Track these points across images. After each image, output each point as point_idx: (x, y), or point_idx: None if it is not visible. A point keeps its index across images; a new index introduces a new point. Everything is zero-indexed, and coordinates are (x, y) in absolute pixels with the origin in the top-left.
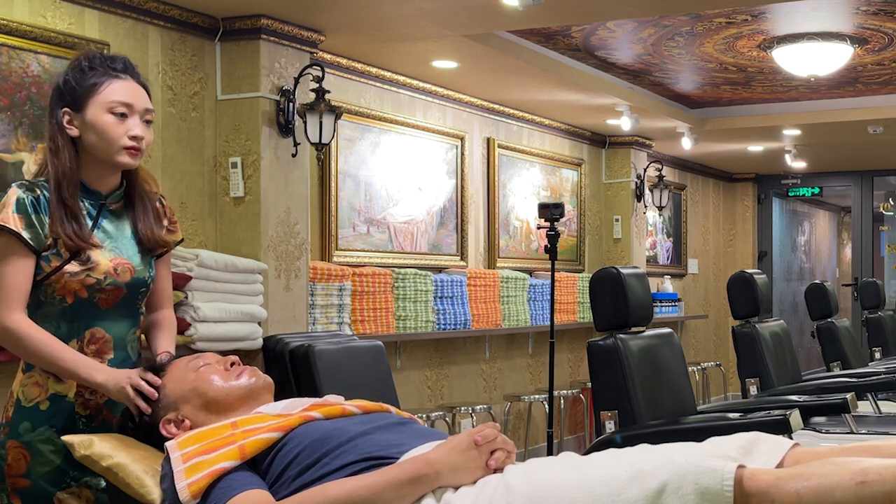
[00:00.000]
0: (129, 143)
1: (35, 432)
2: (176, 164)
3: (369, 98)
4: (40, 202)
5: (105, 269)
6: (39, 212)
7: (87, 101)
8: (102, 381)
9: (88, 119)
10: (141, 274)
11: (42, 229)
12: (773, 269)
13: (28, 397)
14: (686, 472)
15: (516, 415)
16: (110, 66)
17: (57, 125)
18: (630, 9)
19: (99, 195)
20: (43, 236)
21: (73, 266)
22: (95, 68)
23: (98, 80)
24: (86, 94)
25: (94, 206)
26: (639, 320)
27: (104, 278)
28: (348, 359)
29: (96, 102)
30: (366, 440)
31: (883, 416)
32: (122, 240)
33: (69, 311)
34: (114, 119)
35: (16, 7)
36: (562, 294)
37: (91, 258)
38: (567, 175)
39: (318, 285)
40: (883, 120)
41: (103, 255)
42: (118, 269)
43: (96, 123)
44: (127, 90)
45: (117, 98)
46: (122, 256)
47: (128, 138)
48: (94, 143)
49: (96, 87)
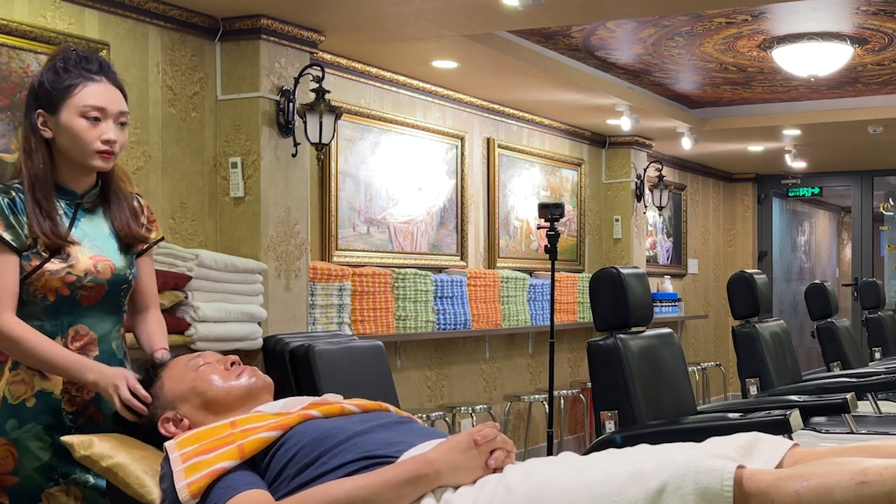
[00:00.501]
0: (101, 147)
1: (22, 429)
2: (176, 164)
3: (369, 98)
4: (16, 203)
5: (85, 266)
6: (17, 213)
7: (61, 104)
8: (93, 380)
9: (62, 122)
10: (122, 272)
11: (22, 230)
12: (773, 269)
13: (14, 395)
14: (686, 472)
15: (516, 415)
16: (84, 68)
17: (31, 126)
18: (630, 9)
19: (74, 195)
20: (23, 236)
21: (54, 264)
22: (70, 70)
23: (72, 82)
24: (60, 97)
25: (71, 205)
26: (639, 320)
27: (84, 275)
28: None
29: (70, 105)
30: (365, 439)
31: (883, 416)
32: (100, 237)
33: (51, 308)
34: (87, 123)
35: (16, 7)
36: (562, 294)
37: (71, 256)
38: (567, 175)
39: (318, 285)
40: (883, 120)
41: (83, 252)
42: (98, 266)
43: (69, 127)
44: (101, 93)
45: (91, 102)
46: (102, 254)
47: (100, 142)
48: (68, 146)
49: (70, 90)
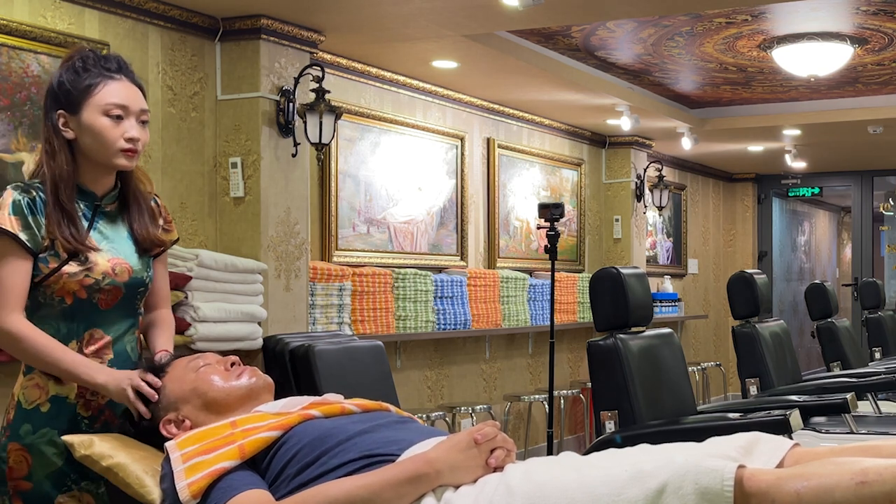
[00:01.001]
0: (125, 145)
1: (36, 434)
2: (176, 164)
3: (369, 98)
4: (36, 203)
5: (103, 269)
6: (36, 213)
7: (82, 104)
8: (103, 382)
9: (84, 122)
10: (139, 274)
11: (39, 231)
12: (773, 269)
13: (29, 399)
14: (686, 472)
15: (516, 415)
16: (104, 67)
17: (52, 127)
18: (630, 9)
19: (94, 196)
20: (40, 238)
21: (72, 267)
22: (89, 69)
23: (93, 81)
24: (81, 97)
25: (90, 207)
26: (639, 320)
27: (102, 278)
28: (348, 359)
29: (92, 105)
30: (365, 438)
31: (883, 416)
32: (118, 241)
33: (68, 311)
34: (110, 121)
35: (16, 7)
36: (562, 294)
37: (89, 259)
38: (567, 175)
39: (318, 285)
40: (883, 120)
41: (101, 255)
42: (116, 270)
43: (92, 126)
44: (122, 91)
45: (113, 100)
46: (120, 257)
47: (124, 140)
48: (91, 146)
49: (91, 89)
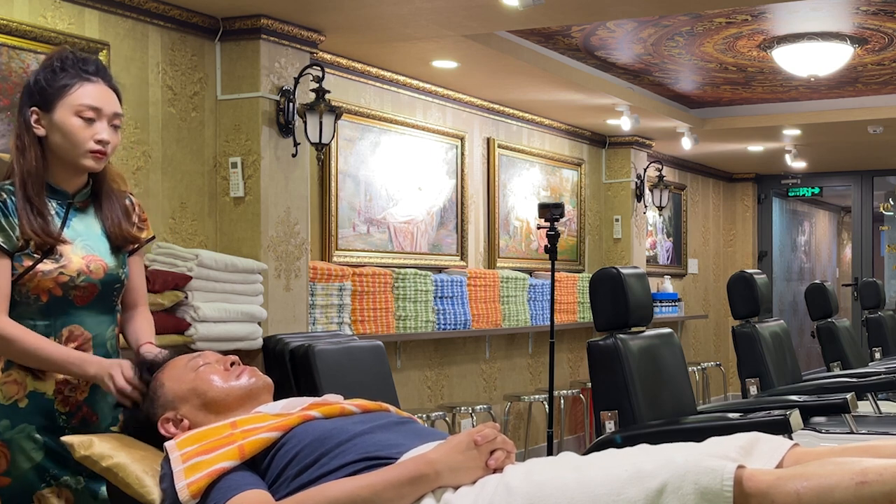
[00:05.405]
0: (94, 146)
1: (15, 430)
2: (176, 164)
3: (369, 98)
4: (7, 205)
5: (77, 266)
6: (8, 215)
7: (55, 102)
8: (94, 372)
9: (56, 120)
10: (114, 271)
11: (13, 231)
12: (773, 269)
13: (7, 395)
14: (686, 472)
15: (516, 415)
16: (82, 69)
17: (25, 123)
18: (630, 9)
19: (66, 194)
20: (15, 238)
21: (46, 264)
22: (67, 69)
23: (69, 81)
24: (55, 95)
25: (62, 205)
26: (639, 320)
27: (77, 275)
28: (348, 359)
29: (65, 104)
30: (365, 439)
31: (883, 416)
32: (92, 237)
33: (45, 309)
34: (81, 122)
35: (16, 7)
36: (562, 294)
37: (63, 256)
38: (567, 175)
39: (318, 285)
40: (883, 120)
41: (75, 252)
42: (91, 266)
43: (63, 125)
44: (96, 94)
45: (86, 101)
46: (95, 254)
47: (94, 142)
48: (60, 145)
49: (66, 89)
